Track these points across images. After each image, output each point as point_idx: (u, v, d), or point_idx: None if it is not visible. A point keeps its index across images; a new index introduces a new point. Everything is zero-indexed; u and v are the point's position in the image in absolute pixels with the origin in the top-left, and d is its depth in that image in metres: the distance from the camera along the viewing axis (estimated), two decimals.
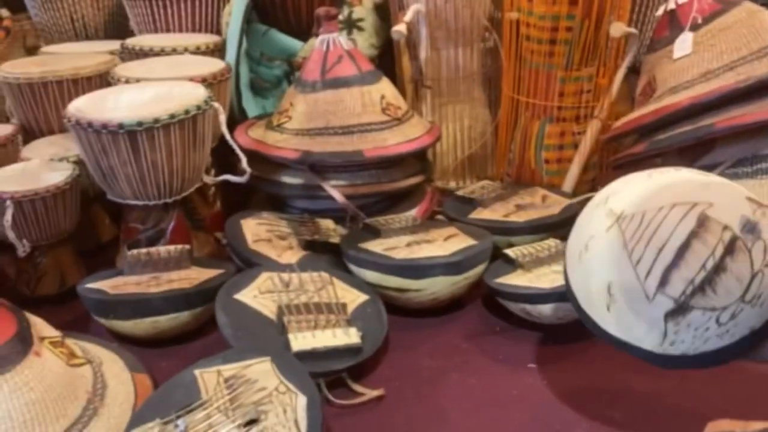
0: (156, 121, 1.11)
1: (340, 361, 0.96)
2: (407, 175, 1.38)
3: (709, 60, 1.16)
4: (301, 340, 0.96)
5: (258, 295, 1.04)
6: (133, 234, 1.24)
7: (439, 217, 1.41)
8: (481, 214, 1.33)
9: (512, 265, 1.16)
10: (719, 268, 0.65)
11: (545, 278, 1.09)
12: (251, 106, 1.65)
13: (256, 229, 1.24)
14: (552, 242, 1.18)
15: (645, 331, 0.69)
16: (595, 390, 0.98)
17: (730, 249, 0.65)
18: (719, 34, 1.17)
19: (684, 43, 1.20)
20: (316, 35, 1.39)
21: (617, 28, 1.25)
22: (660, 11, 1.25)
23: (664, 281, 0.66)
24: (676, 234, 0.67)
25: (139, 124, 1.10)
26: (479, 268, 1.14)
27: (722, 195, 0.68)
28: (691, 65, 1.18)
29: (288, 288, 1.06)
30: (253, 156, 1.33)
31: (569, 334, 1.09)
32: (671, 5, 1.23)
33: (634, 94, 1.35)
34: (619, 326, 0.71)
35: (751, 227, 0.66)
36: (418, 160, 1.45)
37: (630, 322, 0.70)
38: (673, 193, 0.69)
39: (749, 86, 1.08)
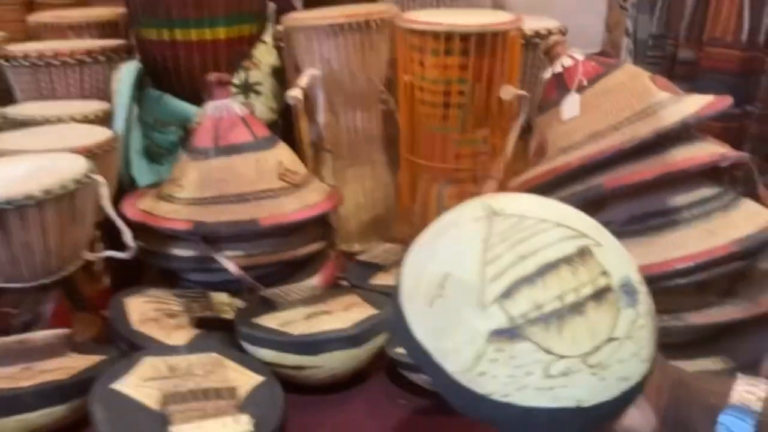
0: (29, 198, 1.03)
1: None
2: (308, 242, 1.34)
3: (596, 121, 1.19)
4: None
5: (140, 384, 0.96)
6: (6, 320, 1.14)
7: (343, 282, 1.37)
8: (383, 279, 1.30)
9: None
10: (578, 308, 0.54)
11: None
12: (145, 173, 1.59)
13: (143, 308, 1.16)
14: None
15: (459, 344, 0.56)
16: None
17: (599, 295, 0.55)
18: (604, 95, 1.20)
19: (572, 105, 1.22)
20: (209, 100, 1.35)
21: (507, 92, 1.27)
22: (547, 74, 1.28)
23: (509, 292, 0.55)
24: (548, 250, 0.56)
25: (8, 202, 1.02)
26: (380, 339, 1.11)
27: (614, 246, 0.60)
28: (579, 126, 1.20)
29: (174, 373, 0.98)
30: (143, 228, 1.27)
31: None
32: (557, 68, 1.26)
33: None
34: (431, 330, 0.58)
35: (630, 290, 0.57)
36: (320, 225, 1.42)
37: (447, 327, 0.56)
38: (565, 216, 0.60)
39: (634, 146, 1.11)
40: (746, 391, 0.62)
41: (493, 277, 0.56)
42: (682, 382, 0.63)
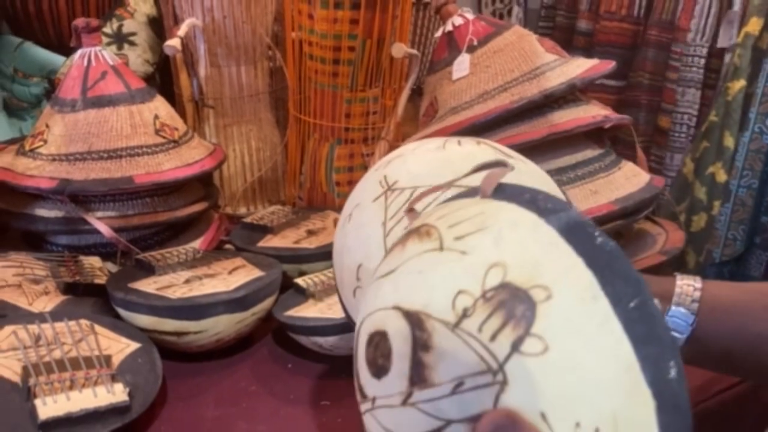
0: None
1: (103, 424, 0.82)
2: (188, 203, 1.26)
3: (485, 81, 1.19)
4: (51, 406, 0.80)
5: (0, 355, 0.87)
6: None
7: (228, 246, 1.31)
8: (270, 241, 1.25)
9: (303, 295, 1.09)
10: None
11: (337, 306, 1.03)
12: (4, 128, 1.44)
13: (2, 273, 1.05)
14: None
15: None
16: None
17: None
18: (494, 56, 1.20)
19: (462, 65, 1.21)
20: (77, 48, 1.23)
21: (398, 49, 1.24)
22: (438, 33, 1.26)
23: None
24: None
25: None
26: (267, 302, 1.06)
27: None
28: (469, 86, 1.20)
29: (38, 342, 0.90)
30: (1, 187, 1.15)
31: None
32: (449, 27, 1.24)
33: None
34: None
35: None
36: (203, 185, 1.34)
37: None
38: (462, 167, 0.56)
39: (521, 106, 1.12)
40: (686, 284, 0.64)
41: None
42: None
